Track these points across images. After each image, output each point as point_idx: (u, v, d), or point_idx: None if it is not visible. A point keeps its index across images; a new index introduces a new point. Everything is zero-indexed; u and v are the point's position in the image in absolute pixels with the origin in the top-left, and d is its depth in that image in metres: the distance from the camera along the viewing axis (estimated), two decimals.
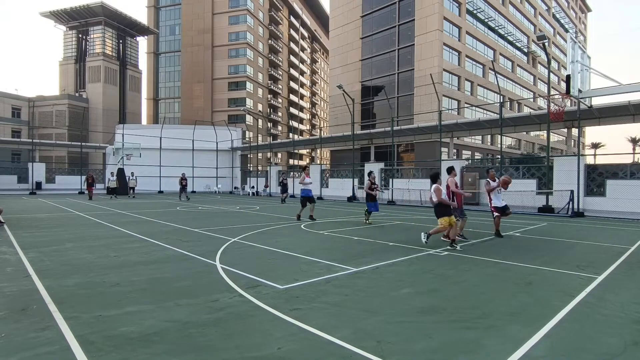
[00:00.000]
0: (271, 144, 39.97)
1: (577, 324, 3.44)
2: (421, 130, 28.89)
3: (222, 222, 11.41)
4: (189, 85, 64.03)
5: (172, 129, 39.17)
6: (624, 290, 4.61)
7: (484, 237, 8.95)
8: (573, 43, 9.91)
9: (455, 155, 35.86)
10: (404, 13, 41.27)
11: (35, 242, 7.38)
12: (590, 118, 20.87)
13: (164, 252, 6.59)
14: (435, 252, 6.86)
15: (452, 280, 4.93)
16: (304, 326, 3.26)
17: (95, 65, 61.09)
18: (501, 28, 47.45)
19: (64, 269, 5.27)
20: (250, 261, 5.97)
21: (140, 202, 20.75)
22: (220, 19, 63.37)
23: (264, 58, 67.77)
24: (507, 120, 23.78)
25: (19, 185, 32.03)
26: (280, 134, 70.48)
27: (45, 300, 3.88)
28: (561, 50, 63.12)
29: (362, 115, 44.06)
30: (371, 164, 27.89)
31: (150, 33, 67.88)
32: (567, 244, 8.15)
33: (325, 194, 27.35)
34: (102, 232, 9.00)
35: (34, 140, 36.17)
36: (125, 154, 28.70)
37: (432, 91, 27.40)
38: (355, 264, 5.76)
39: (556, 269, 5.60)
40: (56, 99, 58.23)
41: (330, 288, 4.48)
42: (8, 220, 10.54)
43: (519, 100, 50.65)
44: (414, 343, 2.98)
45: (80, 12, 59.44)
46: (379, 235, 9.02)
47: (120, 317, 3.44)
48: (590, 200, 16.81)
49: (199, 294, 4.16)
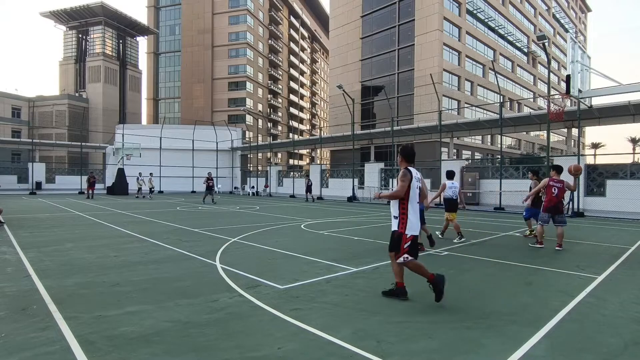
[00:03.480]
0: (271, 144, 39.96)
1: (577, 324, 3.44)
2: (421, 130, 28.88)
3: (222, 222, 11.41)
4: (189, 85, 64.03)
5: (172, 129, 39.15)
6: (624, 290, 4.61)
7: (484, 237, 8.95)
8: (573, 43, 9.91)
9: (455, 155, 35.86)
10: (404, 13, 41.27)
11: (35, 242, 7.37)
12: (590, 118, 20.85)
13: (164, 252, 6.59)
14: (435, 252, 6.86)
15: (452, 280, 4.92)
16: (304, 326, 3.26)
17: (95, 65, 61.09)
18: (501, 28, 47.44)
19: (64, 269, 5.27)
20: (250, 261, 5.97)
21: (141, 202, 20.75)
22: (220, 19, 63.37)
23: (264, 58, 67.76)
24: (507, 120, 23.76)
25: (19, 185, 32.02)
26: (280, 134, 70.47)
27: (45, 300, 3.88)
28: (561, 50, 63.12)
29: (362, 115, 44.05)
30: (371, 164, 27.88)
31: (150, 33, 67.87)
32: (567, 244, 8.14)
33: (325, 194, 27.35)
34: (102, 232, 9.00)
35: (34, 140, 36.15)
36: (125, 154, 28.67)
37: (432, 91, 27.39)
38: (355, 264, 5.76)
39: (556, 269, 5.60)
40: (56, 99, 58.22)
41: (330, 288, 4.48)
42: (8, 220, 10.54)
43: (519, 100, 50.65)
44: (414, 343, 2.98)
45: (80, 12, 59.43)
46: (379, 235, 9.02)
47: (120, 317, 3.44)
48: (591, 200, 16.81)
49: (199, 294, 4.16)
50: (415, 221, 3.95)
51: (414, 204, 3.96)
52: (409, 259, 3.98)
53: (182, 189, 34.62)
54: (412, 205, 3.95)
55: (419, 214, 4.07)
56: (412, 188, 3.92)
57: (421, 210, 5.97)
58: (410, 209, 3.93)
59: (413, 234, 3.95)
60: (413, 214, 3.95)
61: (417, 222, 3.98)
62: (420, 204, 4.31)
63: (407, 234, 3.92)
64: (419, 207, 4.20)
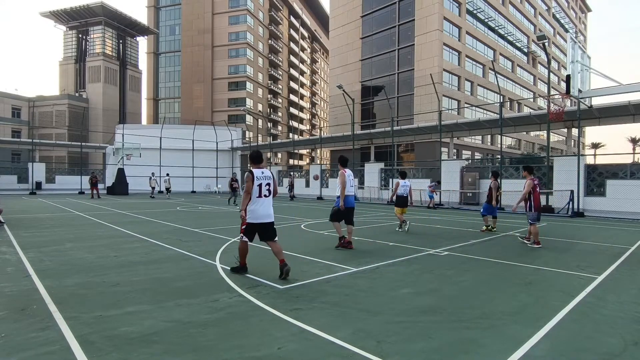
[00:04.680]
0: (271, 144, 39.97)
1: (577, 324, 3.44)
2: (421, 130, 28.89)
3: (222, 222, 11.41)
4: (189, 85, 64.02)
5: (172, 129, 39.17)
6: (624, 290, 4.61)
7: (484, 237, 8.95)
8: (573, 43, 9.91)
9: (455, 155, 35.86)
10: (404, 13, 41.27)
11: (35, 242, 7.37)
12: (590, 118, 20.86)
13: (164, 252, 6.59)
14: (435, 252, 6.86)
15: (452, 280, 4.93)
16: (304, 326, 3.26)
17: (95, 65, 61.09)
18: (501, 28, 47.44)
19: (64, 269, 5.27)
20: (250, 261, 5.97)
21: (141, 202, 20.74)
22: (220, 19, 63.37)
23: (264, 58, 67.76)
24: (507, 120, 23.78)
25: (19, 185, 32.01)
26: (280, 134, 70.48)
27: (45, 300, 3.88)
28: (561, 50, 63.12)
29: (362, 115, 44.05)
30: (371, 164, 27.88)
31: (150, 33, 67.88)
32: (567, 244, 8.15)
33: (325, 194, 27.34)
34: (102, 232, 9.00)
35: (34, 140, 36.16)
36: (125, 154, 28.69)
37: (432, 91, 27.40)
38: (355, 264, 5.76)
39: (556, 269, 5.60)
40: (56, 99, 58.22)
41: (330, 288, 4.48)
42: (8, 220, 10.54)
43: (519, 100, 50.64)
44: (414, 343, 2.98)
45: (80, 12, 59.44)
46: (379, 235, 9.02)
47: (120, 317, 3.44)
48: (591, 200, 16.81)
49: (199, 294, 4.16)
50: (256, 211, 4.93)
51: (255, 199, 4.94)
52: (244, 238, 5.03)
53: (182, 189, 34.60)
54: (254, 200, 4.94)
55: (263, 207, 4.97)
56: (254, 186, 4.91)
57: (352, 208, 7.22)
58: (253, 202, 4.94)
59: (250, 222, 4.92)
60: (255, 205, 4.93)
61: (259, 212, 4.94)
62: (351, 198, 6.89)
63: (248, 221, 4.94)
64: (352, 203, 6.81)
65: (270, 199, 5.10)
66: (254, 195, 4.94)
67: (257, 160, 5.13)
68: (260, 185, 4.96)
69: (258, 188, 4.95)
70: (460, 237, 8.87)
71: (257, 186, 4.94)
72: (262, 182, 4.98)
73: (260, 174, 5.00)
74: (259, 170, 5.03)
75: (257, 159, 5.14)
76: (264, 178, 5.00)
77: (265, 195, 5.00)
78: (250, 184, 4.93)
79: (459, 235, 9.10)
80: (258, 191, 4.95)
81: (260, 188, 4.97)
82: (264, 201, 4.99)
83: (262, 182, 4.99)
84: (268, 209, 5.03)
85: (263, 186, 4.98)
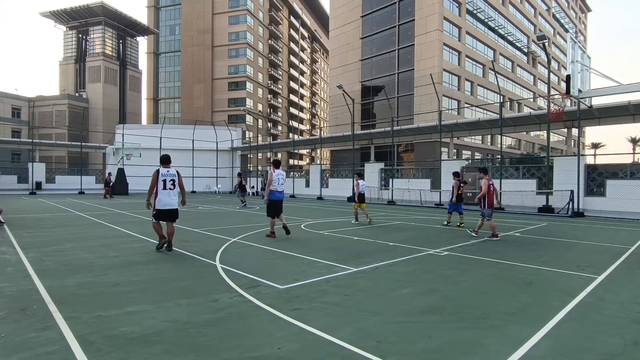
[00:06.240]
0: (271, 144, 39.96)
1: (577, 324, 3.44)
2: (421, 130, 28.88)
3: (222, 222, 11.41)
4: (189, 85, 64.01)
5: (172, 129, 39.15)
6: (624, 290, 4.61)
7: (484, 237, 8.95)
8: (573, 43, 9.91)
9: (455, 155, 35.86)
10: (404, 13, 41.26)
11: (35, 242, 7.38)
12: (590, 118, 20.86)
13: (164, 252, 6.59)
14: (435, 252, 6.86)
15: (452, 280, 4.93)
16: (304, 326, 3.26)
17: (95, 65, 61.08)
18: (501, 28, 47.43)
19: (64, 269, 5.27)
20: (250, 261, 5.98)
21: (141, 202, 20.73)
22: (220, 19, 63.35)
23: (264, 58, 67.76)
24: (507, 120, 23.77)
25: (19, 185, 32.00)
26: (280, 134, 70.47)
27: (45, 300, 3.88)
28: (561, 50, 63.11)
29: (362, 115, 44.05)
30: (371, 164, 27.88)
31: (150, 33, 67.87)
32: (567, 244, 8.15)
33: (325, 194, 27.35)
34: (102, 232, 9.00)
35: (34, 140, 36.16)
36: (125, 154, 28.69)
37: (432, 91, 27.40)
38: (355, 264, 5.76)
39: (556, 269, 5.60)
40: (56, 99, 58.20)
41: (330, 288, 4.48)
42: (8, 220, 10.54)
43: (519, 100, 50.64)
44: (414, 343, 2.98)
45: (80, 12, 59.43)
46: (379, 235, 9.02)
47: (120, 317, 3.44)
48: (590, 200, 16.81)
49: (199, 294, 4.16)
50: (162, 200, 6.39)
51: (161, 190, 6.40)
52: (154, 221, 6.52)
53: None
54: (160, 191, 6.41)
55: (168, 197, 6.43)
56: (158, 181, 6.37)
57: (280, 200, 8.36)
58: (159, 193, 6.40)
59: (158, 208, 6.40)
60: (161, 196, 6.39)
61: (164, 201, 6.40)
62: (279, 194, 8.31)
63: (157, 208, 6.41)
64: (278, 197, 8.25)
65: (175, 191, 6.57)
66: (159, 187, 6.40)
67: (166, 161, 6.58)
68: (164, 180, 6.41)
69: (163, 182, 6.39)
70: (461, 237, 8.87)
71: (162, 181, 6.37)
72: (166, 178, 6.43)
73: (166, 172, 6.48)
74: (165, 169, 6.52)
75: (166, 160, 6.59)
76: (168, 175, 6.48)
77: (170, 188, 6.47)
78: (155, 179, 6.38)
79: (459, 235, 9.10)
80: (163, 185, 6.41)
81: (165, 182, 6.41)
82: (169, 192, 6.46)
83: (167, 178, 6.44)
84: (171, 199, 6.48)
85: (167, 181, 6.45)
